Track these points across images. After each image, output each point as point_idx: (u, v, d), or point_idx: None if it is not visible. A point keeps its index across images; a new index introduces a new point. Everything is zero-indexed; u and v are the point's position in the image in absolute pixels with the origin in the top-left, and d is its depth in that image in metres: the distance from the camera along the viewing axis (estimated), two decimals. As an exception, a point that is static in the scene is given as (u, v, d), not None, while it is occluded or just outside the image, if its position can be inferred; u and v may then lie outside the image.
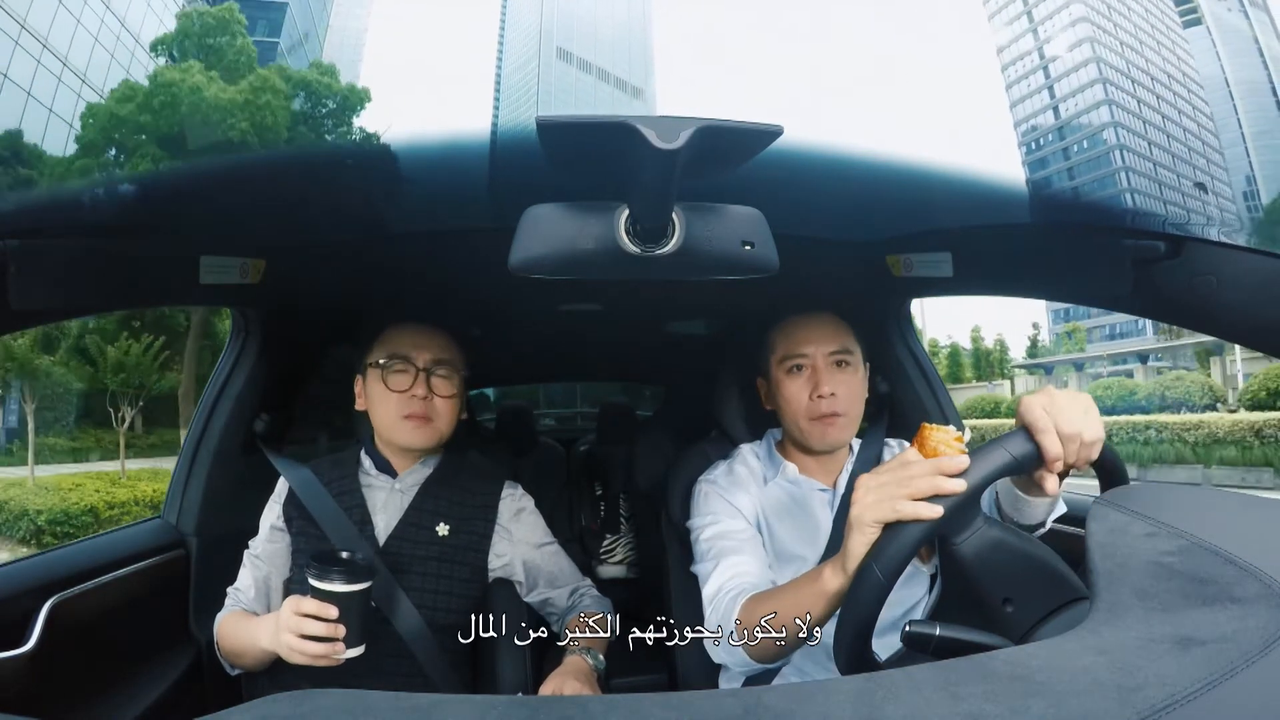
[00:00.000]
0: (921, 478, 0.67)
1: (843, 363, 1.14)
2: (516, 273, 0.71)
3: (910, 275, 1.35)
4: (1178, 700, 0.39)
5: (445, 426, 1.18)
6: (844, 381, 1.12)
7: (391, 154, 1.28)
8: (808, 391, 1.12)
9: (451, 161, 1.25)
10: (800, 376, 1.13)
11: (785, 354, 1.14)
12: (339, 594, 0.93)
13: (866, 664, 0.69)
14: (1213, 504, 0.62)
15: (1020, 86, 4.80)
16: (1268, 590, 0.47)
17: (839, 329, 1.16)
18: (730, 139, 0.61)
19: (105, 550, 1.25)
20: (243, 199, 1.22)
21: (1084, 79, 4.71)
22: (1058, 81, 7.95)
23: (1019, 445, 0.69)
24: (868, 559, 0.68)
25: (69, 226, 1.00)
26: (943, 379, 1.57)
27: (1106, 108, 4.15)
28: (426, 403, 1.15)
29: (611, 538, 2.40)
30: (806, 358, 1.13)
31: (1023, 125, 4.97)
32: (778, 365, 1.15)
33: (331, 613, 0.92)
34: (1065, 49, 4.78)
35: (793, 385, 1.13)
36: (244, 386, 1.43)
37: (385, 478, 1.20)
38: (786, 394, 1.14)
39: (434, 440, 1.18)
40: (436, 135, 1.30)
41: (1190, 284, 0.92)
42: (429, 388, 1.16)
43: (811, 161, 1.04)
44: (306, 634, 0.92)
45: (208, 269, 1.17)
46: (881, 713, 0.41)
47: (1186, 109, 4.07)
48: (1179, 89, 4.08)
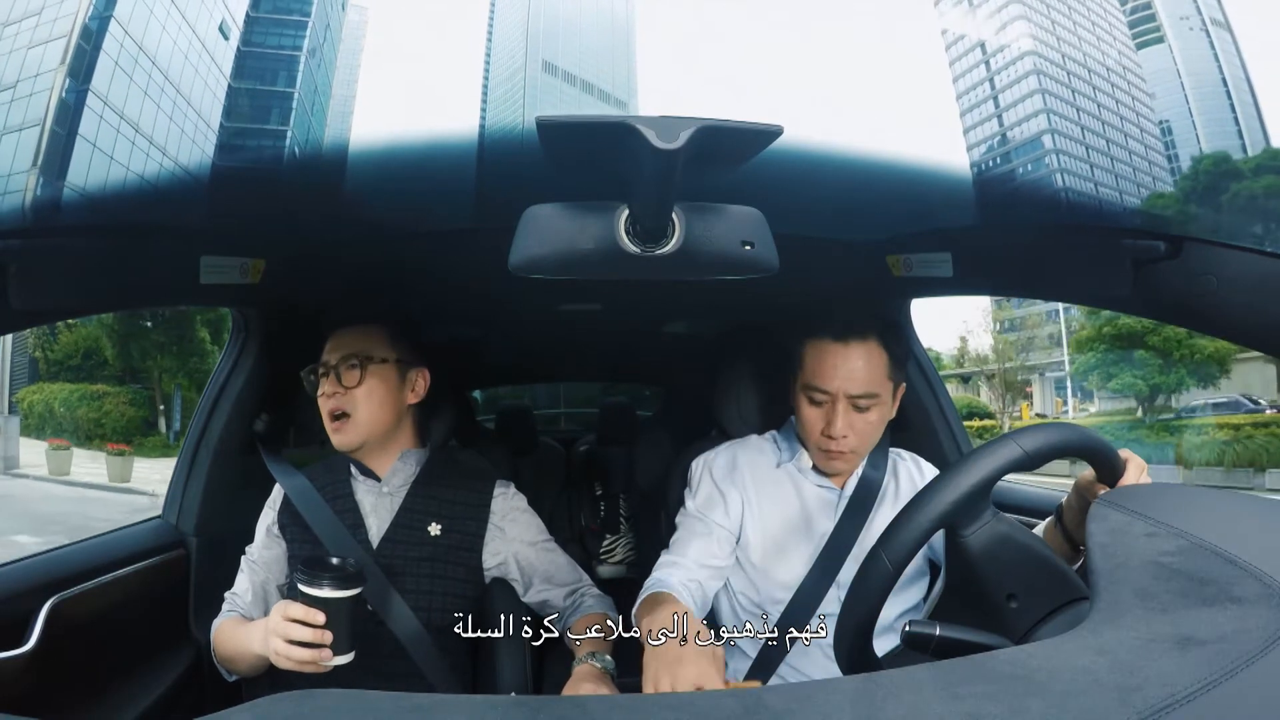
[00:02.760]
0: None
1: (863, 407, 1.10)
2: (516, 273, 0.71)
3: (910, 275, 1.35)
4: (1178, 700, 0.39)
5: (369, 418, 1.16)
6: (860, 421, 1.10)
7: (392, 155, 1.28)
8: (821, 425, 1.10)
9: (452, 162, 1.25)
10: (817, 409, 1.11)
11: (807, 382, 1.11)
12: (327, 600, 0.92)
13: (867, 659, 0.68)
14: (1213, 504, 0.62)
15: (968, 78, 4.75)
16: (1268, 590, 0.47)
17: (870, 368, 1.09)
18: (730, 139, 0.61)
19: (105, 550, 1.25)
20: (243, 199, 1.22)
21: (1026, 89, 4.63)
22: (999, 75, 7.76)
23: (1030, 439, 0.68)
24: (876, 547, 0.67)
25: (69, 226, 1.00)
26: None
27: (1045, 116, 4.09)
28: (340, 399, 1.15)
29: (611, 538, 2.40)
30: (828, 395, 1.09)
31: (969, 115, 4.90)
32: (799, 385, 1.13)
33: (319, 618, 0.91)
34: (1008, 43, 4.67)
35: (809, 412, 1.12)
36: (244, 387, 1.43)
37: (371, 482, 1.20)
38: (802, 416, 1.13)
39: (359, 438, 1.16)
40: (437, 136, 1.30)
41: (1190, 284, 0.92)
42: (339, 383, 1.15)
43: (811, 161, 1.04)
44: (293, 639, 0.91)
45: (208, 269, 1.17)
46: (881, 713, 0.41)
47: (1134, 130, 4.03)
48: (1129, 116, 4.05)
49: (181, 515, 1.41)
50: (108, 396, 13.89)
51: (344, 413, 1.15)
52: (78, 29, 1.35)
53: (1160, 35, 2.25)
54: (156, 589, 1.30)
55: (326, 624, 0.92)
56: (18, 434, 13.09)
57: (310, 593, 0.92)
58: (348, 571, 0.96)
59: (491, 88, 2.13)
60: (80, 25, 1.36)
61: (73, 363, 15.57)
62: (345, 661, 0.94)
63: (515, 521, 1.23)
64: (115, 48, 1.39)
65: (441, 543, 1.17)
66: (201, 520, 1.40)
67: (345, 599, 0.93)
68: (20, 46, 1.28)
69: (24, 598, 1.03)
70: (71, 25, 1.34)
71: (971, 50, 1.86)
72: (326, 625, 0.92)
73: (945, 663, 0.47)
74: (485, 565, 1.20)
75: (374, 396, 1.17)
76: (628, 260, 0.70)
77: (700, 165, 0.61)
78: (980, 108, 1.82)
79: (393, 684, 1.07)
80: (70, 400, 14.41)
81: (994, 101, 1.82)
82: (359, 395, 1.16)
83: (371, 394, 1.17)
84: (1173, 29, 2.29)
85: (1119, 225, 1.08)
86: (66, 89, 1.30)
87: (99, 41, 1.38)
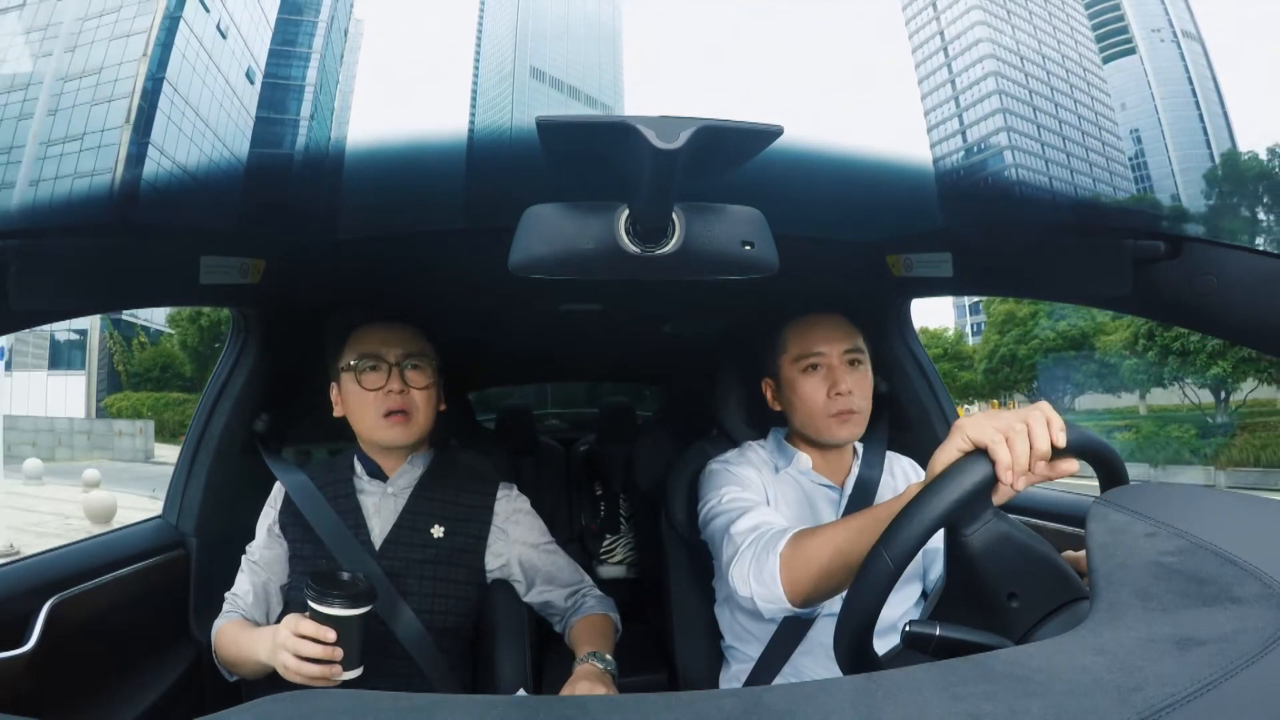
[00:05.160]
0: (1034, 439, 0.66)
1: (855, 361, 1.16)
2: (516, 273, 0.71)
3: (910, 275, 1.35)
4: (1178, 700, 0.39)
5: (425, 420, 1.17)
6: (858, 379, 1.15)
7: (392, 155, 1.28)
8: (825, 389, 1.14)
9: (452, 162, 1.25)
10: (816, 375, 1.15)
11: (801, 353, 1.16)
12: (338, 618, 0.91)
13: (867, 659, 0.68)
14: (1213, 504, 0.62)
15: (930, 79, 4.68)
16: (1268, 590, 0.47)
17: (850, 328, 1.18)
18: (730, 139, 0.61)
19: (105, 550, 1.25)
20: (243, 199, 1.22)
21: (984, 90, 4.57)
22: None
23: (972, 469, 0.66)
24: (877, 545, 0.67)
25: (69, 226, 1.00)
26: None
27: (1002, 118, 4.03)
28: (404, 397, 1.14)
29: (611, 538, 2.40)
30: (823, 356, 1.15)
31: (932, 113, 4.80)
32: (791, 364, 1.17)
33: (330, 636, 0.91)
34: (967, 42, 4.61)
35: (809, 383, 1.15)
36: (244, 387, 1.43)
37: (377, 482, 1.20)
38: (803, 392, 1.15)
39: (415, 435, 1.17)
40: (437, 136, 1.30)
41: (1190, 284, 0.92)
42: (404, 381, 1.14)
43: (811, 161, 1.04)
44: (303, 655, 0.91)
45: (208, 269, 1.17)
46: (881, 713, 0.41)
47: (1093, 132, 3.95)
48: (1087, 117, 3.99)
49: (181, 515, 1.41)
50: (188, 402, 17.21)
51: (403, 411, 1.14)
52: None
53: (1131, 45, 2.26)
54: (156, 589, 1.30)
55: (337, 641, 0.91)
56: (153, 434, 17.92)
57: (321, 610, 0.91)
58: (359, 589, 0.95)
59: (482, 91, 2.14)
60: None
61: (152, 374, 20.76)
62: (354, 676, 0.93)
63: (518, 524, 1.23)
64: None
65: (444, 545, 1.16)
66: (201, 520, 1.40)
67: (356, 617, 0.92)
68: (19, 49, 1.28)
69: (24, 598, 1.03)
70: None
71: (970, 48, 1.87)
72: (337, 642, 0.91)
73: (945, 663, 0.47)
74: (488, 567, 1.20)
75: (431, 400, 1.18)
76: (628, 260, 0.70)
77: (700, 165, 0.61)
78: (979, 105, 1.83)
79: (392, 684, 1.07)
80: (156, 405, 19.11)
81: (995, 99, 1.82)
82: (422, 397, 1.16)
83: (429, 397, 1.18)
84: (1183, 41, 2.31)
85: (1119, 225, 1.08)
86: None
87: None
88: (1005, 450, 0.65)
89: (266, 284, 1.27)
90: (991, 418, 0.67)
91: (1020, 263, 1.22)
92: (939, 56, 1.90)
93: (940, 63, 1.90)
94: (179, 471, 1.44)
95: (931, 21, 1.92)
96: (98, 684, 1.13)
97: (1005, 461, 0.64)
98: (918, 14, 1.88)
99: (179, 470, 1.44)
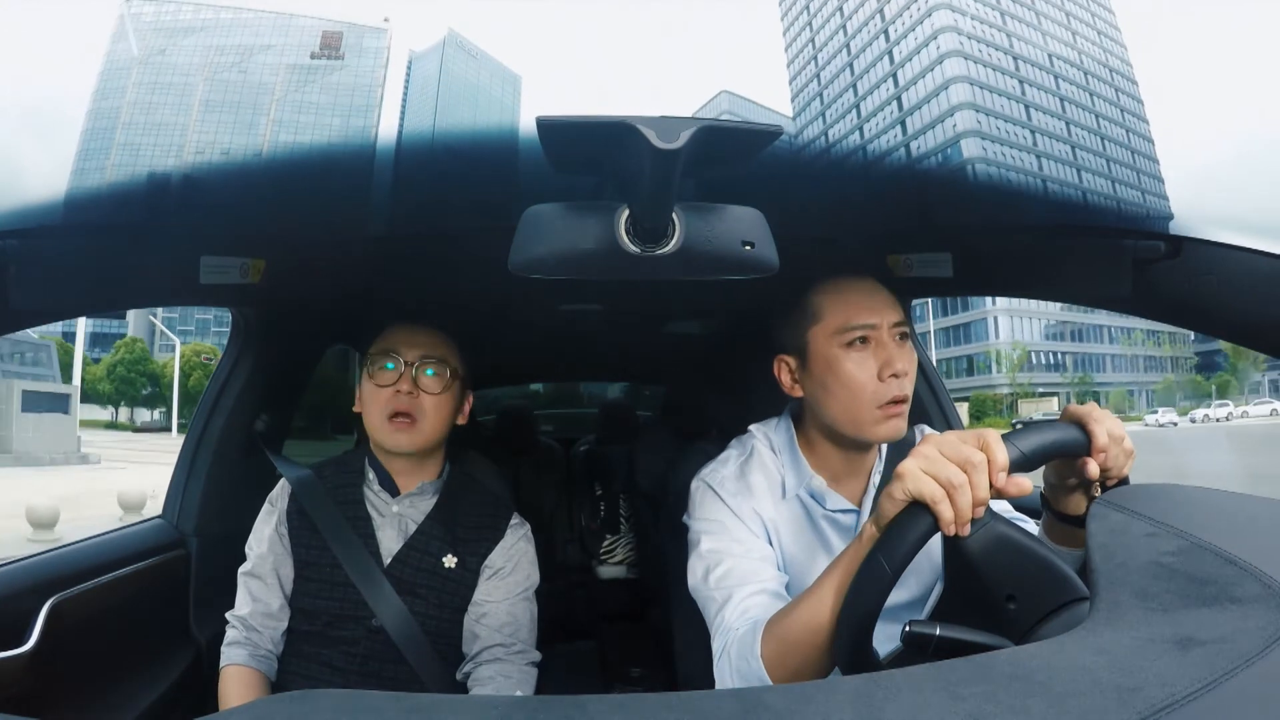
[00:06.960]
0: (986, 473, 0.64)
1: (905, 336, 0.94)
2: (516, 273, 0.71)
3: (910, 275, 1.35)
4: (1178, 700, 0.39)
5: (432, 428, 1.12)
6: (911, 361, 0.92)
7: (392, 154, 1.28)
8: (875, 370, 0.90)
9: (452, 162, 1.25)
10: (864, 351, 0.91)
11: (844, 324, 0.91)
12: None
13: (867, 661, 0.68)
14: (1213, 504, 0.62)
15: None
16: (1268, 590, 0.47)
17: (894, 298, 0.96)
18: (730, 139, 0.61)
19: (105, 550, 1.25)
20: (243, 199, 1.22)
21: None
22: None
23: (1067, 429, 0.69)
24: (874, 550, 0.67)
25: (69, 226, 1.00)
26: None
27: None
28: (412, 400, 1.10)
29: (611, 538, 2.40)
30: (874, 329, 0.91)
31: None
32: (829, 338, 0.92)
33: None
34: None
35: (854, 361, 0.91)
36: (244, 386, 1.43)
37: (386, 495, 1.17)
38: (846, 373, 0.91)
39: (420, 444, 1.12)
40: (437, 135, 1.30)
41: (1190, 284, 0.92)
42: (415, 384, 1.11)
43: (811, 161, 1.04)
44: None
45: (208, 269, 1.17)
46: (881, 713, 0.41)
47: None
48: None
49: (181, 515, 1.41)
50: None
51: (409, 414, 1.10)
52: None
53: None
54: (156, 589, 1.30)
55: None
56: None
57: None
58: None
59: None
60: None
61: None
62: None
63: (518, 568, 1.18)
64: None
65: (453, 575, 1.15)
66: (202, 520, 1.40)
67: None
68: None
69: (24, 598, 1.03)
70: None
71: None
72: None
73: (945, 663, 0.47)
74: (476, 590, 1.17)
75: (443, 408, 1.13)
76: (628, 260, 0.70)
77: (700, 165, 0.61)
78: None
79: (392, 687, 1.07)
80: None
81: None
82: (432, 402, 1.11)
83: (442, 404, 1.13)
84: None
85: (1119, 225, 1.08)
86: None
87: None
88: (947, 507, 0.64)
89: (266, 284, 1.27)
90: (934, 462, 0.65)
91: (1020, 263, 1.23)
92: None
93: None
94: (179, 471, 1.44)
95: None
96: (98, 684, 1.13)
97: (948, 518, 0.64)
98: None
99: (179, 470, 1.44)
